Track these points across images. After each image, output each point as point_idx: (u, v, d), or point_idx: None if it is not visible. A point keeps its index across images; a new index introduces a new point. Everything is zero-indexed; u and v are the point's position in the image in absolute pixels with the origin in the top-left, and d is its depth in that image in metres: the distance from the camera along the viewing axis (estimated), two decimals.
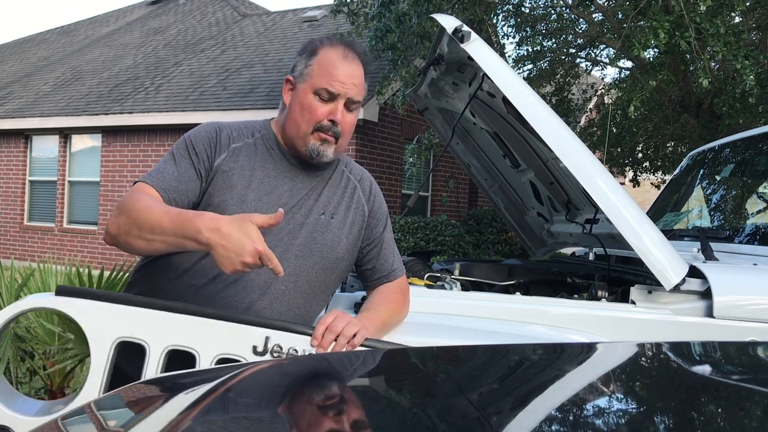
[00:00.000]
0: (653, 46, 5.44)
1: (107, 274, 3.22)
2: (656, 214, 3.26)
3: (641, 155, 10.71)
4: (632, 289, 1.91)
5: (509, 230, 7.19)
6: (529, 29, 9.02)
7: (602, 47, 9.42)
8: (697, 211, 3.21)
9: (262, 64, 11.20)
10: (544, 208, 2.99)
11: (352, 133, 1.70)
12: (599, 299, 1.97)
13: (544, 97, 9.23)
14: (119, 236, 1.49)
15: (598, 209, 1.88)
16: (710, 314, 1.79)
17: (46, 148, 11.76)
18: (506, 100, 1.90)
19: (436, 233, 8.72)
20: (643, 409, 0.86)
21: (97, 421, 0.87)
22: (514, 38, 14.18)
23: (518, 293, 2.19)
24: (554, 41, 9.40)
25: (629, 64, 8.74)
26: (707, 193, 3.22)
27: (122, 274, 3.24)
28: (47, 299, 1.50)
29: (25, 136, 11.86)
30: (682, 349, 1.23)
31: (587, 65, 10.42)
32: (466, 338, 1.72)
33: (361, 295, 1.93)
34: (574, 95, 10.54)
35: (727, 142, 3.13)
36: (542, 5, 8.96)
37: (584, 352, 1.22)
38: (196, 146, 1.63)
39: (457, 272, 2.37)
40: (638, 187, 11.16)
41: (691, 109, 7.51)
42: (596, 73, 12.70)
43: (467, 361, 1.15)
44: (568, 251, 3.74)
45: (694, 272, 1.85)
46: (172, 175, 1.58)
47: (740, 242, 2.52)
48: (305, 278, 1.64)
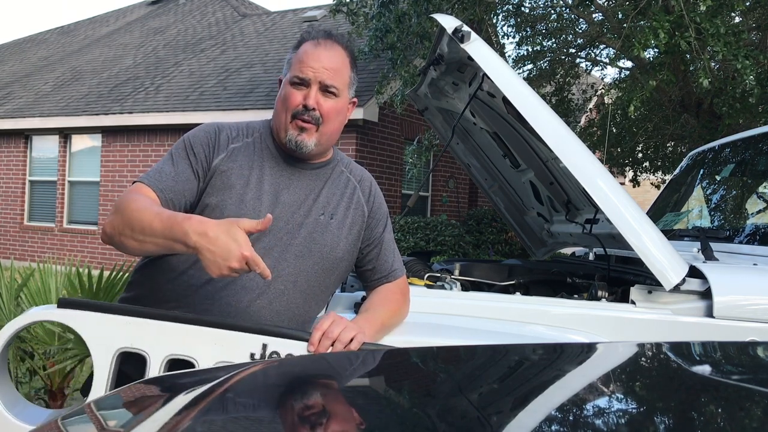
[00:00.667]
0: (653, 46, 5.44)
1: (107, 274, 3.22)
2: (656, 214, 3.25)
3: (641, 155, 10.71)
4: (632, 289, 1.91)
5: (509, 230, 7.19)
6: (529, 29, 9.03)
7: (602, 47, 9.42)
8: (697, 211, 3.21)
9: (262, 64, 11.19)
10: (544, 208, 2.99)
11: (339, 121, 1.68)
12: (599, 299, 1.97)
13: (544, 97, 9.22)
14: (114, 235, 1.50)
15: (598, 209, 1.88)
16: (710, 314, 1.79)
17: (46, 148, 11.76)
18: (506, 100, 1.89)
19: (436, 233, 8.72)
20: (643, 409, 0.86)
21: (97, 421, 0.87)
22: (514, 38, 14.19)
23: (518, 293, 2.19)
24: (554, 41, 9.40)
25: (629, 64, 8.75)
26: (707, 193, 3.22)
27: (122, 274, 3.23)
28: (49, 312, 1.52)
29: (25, 136, 11.86)
30: (682, 349, 1.23)
31: (587, 65, 10.43)
32: (466, 338, 1.71)
33: (361, 295, 1.93)
34: (574, 95, 10.53)
35: (727, 142, 3.12)
36: (542, 5, 8.96)
37: (584, 352, 1.21)
38: (194, 147, 1.63)
39: (457, 272, 2.37)
40: (638, 187, 11.16)
41: (691, 109, 7.51)
42: (596, 73, 12.71)
43: (467, 361, 1.15)
44: (568, 251, 3.74)
45: (694, 272, 1.85)
46: (169, 175, 1.58)
47: (740, 242, 2.52)
48: (304, 278, 1.64)
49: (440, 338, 1.72)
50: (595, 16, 8.30)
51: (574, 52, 9.54)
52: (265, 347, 1.43)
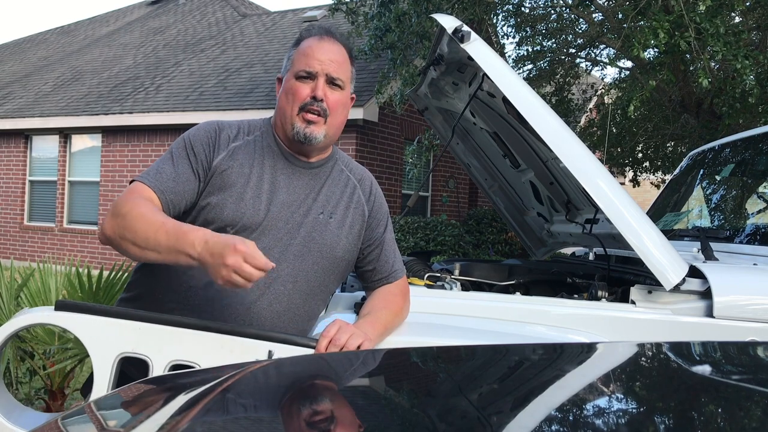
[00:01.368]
0: (653, 46, 5.44)
1: (107, 274, 3.22)
2: (656, 214, 3.25)
3: (641, 155, 10.71)
4: (632, 289, 1.91)
5: (509, 230, 7.18)
6: (529, 29, 9.02)
7: (602, 47, 9.42)
8: (697, 211, 3.21)
9: (262, 64, 11.20)
10: (544, 208, 2.98)
11: (344, 114, 1.70)
12: (599, 299, 1.97)
13: (544, 97, 9.23)
14: (114, 239, 1.48)
15: (598, 209, 1.88)
16: (710, 314, 1.79)
17: (46, 148, 11.76)
18: (506, 100, 1.89)
19: (436, 233, 8.72)
20: (643, 409, 0.86)
21: (97, 421, 0.87)
22: (514, 38, 14.19)
23: (518, 293, 2.19)
24: (554, 41, 9.40)
25: (629, 64, 8.74)
26: (707, 193, 3.22)
27: (122, 274, 3.23)
28: (46, 315, 1.48)
29: (25, 136, 11.86)
30: (682, 349, 1.23)
31: (587, 65, 10.42)
32: (466, 338, 1.71)
33: (361, 295, 1.93)
34: (574, 95, 10.54)
35: (727, 142, 3.12)
36: (542, 5, 8.96)
37: (584, 352, 1.21)
38: (194, 146, 1.62)
39: (457, 272, 2.37)
40: (638, 187, 11.17)
41: (691, 109, 7.51)
42: (596, 73, 12.72)
43: (467, 361, 1.15)
44: (568, 251, 3.74)
45: (694, 272, 1.85)
46: (169, 176, 1.57)
47: (740, 242, 2.52)
48: (304, 278, 1.64)
49: (440, 338, 1.72)
50: (595, 16, 8.30)
51: (574, 52, 9.54)
52: (271, 354, 1.42)
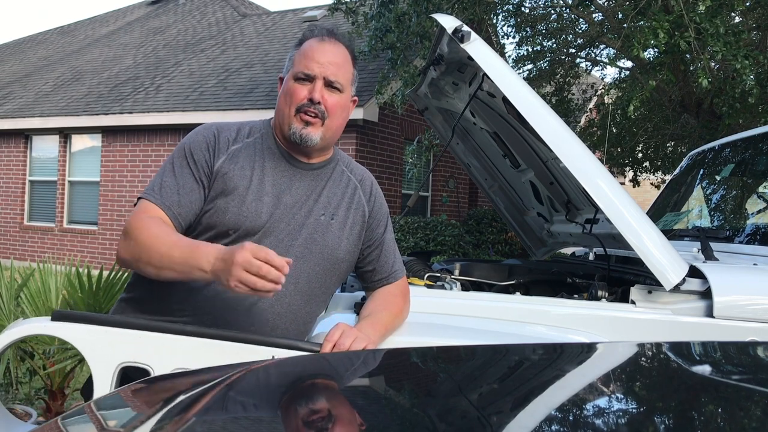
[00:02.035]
0: (653, 46, 5.44)
1: (107, 274, 3.22)
2: (656, 214, 3.25)
3: (641, 155, 10.71)
4: (632, 289, 1.91)
5: (509, 230, 7.18)
6: (529, 29, 9.02)
7: (602, 47, 9.42)
8: (697, 211, 3.21)
9: (262, 64, 11.19)
10: (544, 208, 2.98)
11: (343, 117, 1.69)
12: (599, 299, 1.97)
13: (544, 97, 9.23)
14: (131, 262, 1.52)
15: (598, 209, 1.88)
16: (710, 314, 1.79)
17: (46, 148, 11.76)
18: (506, 100, 1.89)
19: (436, 233, 8.72)
20: (643, 409, 0.86)
21: (97, 421, 0.87)
22: (514, 38, 14.19)
23: (518, 293, 2.19)
24: (554, 41, 9.40)
25: (629, 64, 8.74)
26: (707, 193, 3.22)
27: (122, 274, 3.23)
28: (43, 325, 1.46)
29: (25, 136, 11.86)
30: (682, 349, 1.23)
31: (587, 65, 10.43)
32: (466, 338, 1.71)
33: (361, 295, 1.93)
34: (574, 95, 10.54)
35: (727, 142, 3.12)
36: (542, 5, 8.96)
37: (584, 352, 1.22)
38: (194, 153, 1.62)
39: (457, 272, 2.37)
40: (638, 187, 11.17)
41: (691, 109, 7.51)
42: (596, 73, 12.71)
43: (467, 361, 1.15)
44: (568, 251, 3.74)
45: (694, 272, 1.85)
46: (172, 189, 1.58)
47: (740, 242, 2.52)
48: (306, 279, 1.64)
49: (440, 338, 1.72)
50: (595, 16, 8.30)
51: (574, 52, 9.54)
52: (274, 359, 1.42)
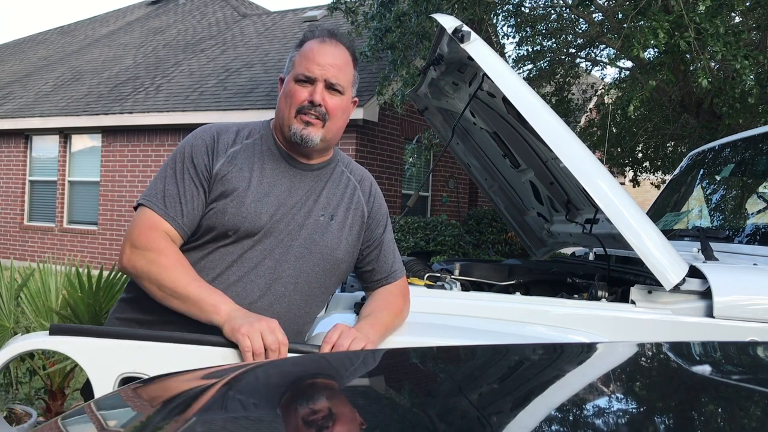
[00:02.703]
0: (653, 46, 5.43)
1: (107, 274, 3.21)
2: (656, 214, 3.25)
3: (641, 155, 10.71)
4: (632, 289, 1.91)
5: (509, 230, 7.18)
6: (529, 29, 9.02)
7: (602, 47, 9.42)
8: (697, 211, 3.21)
9: (262, 64, 11.19)
10: (544, 208, 2.98)
11: (344, 119, 1.69)
12: (599, 299, 1.97)
13: (544, 97, 9.23)
14: (136, 276, 1.55)
15: (598, 209, 1.88)
16: (710, 314, 1.79)
17: (46, 148, 11.76)
18: (506, 100, 1.89)
19: (436, 233, 8.72)
20: (643, 409, 0.86)
21: (97, 421, 0.87)
22: (514, 38, 14.18)
23: (518, 293, 2.19)
24: (554, 41, 9.41)
25: (629, 64, 8.74)
26: (707, 193, 3.22)
27: (122, 274, 3.23)
28: (41, 340, 1.45)
29: (25, 136, 11.86)
30: (682, 349, 1.23)
31: (587, 65, 10.43)
32: (466, 338, 1.71)
33: (361, 295, 1.93)
34: (574, 95, 10.54)
35: (727, 142, 3.12)
36: (542, 5, 8.96)
37: (584, 352, 1.22)
38: (194, 158, 1.62)
39: (457, 272, 2.37)
40: (638, 187, 11.17)
41: (691, 109, 7.51)
42: (596, 73, 12.71)
43: (467, 361, 1.15)
44: (568, 251, 3.74)
45: (694, 272, 1.85)
46: (176, 198, 1.58)
47: (740, 242, 2.52)
48: (305, 280, 1.64)
49: (440, 338, 1.72)
50: (595, 16, 8.30)
51: (574, 52, 9.54)
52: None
